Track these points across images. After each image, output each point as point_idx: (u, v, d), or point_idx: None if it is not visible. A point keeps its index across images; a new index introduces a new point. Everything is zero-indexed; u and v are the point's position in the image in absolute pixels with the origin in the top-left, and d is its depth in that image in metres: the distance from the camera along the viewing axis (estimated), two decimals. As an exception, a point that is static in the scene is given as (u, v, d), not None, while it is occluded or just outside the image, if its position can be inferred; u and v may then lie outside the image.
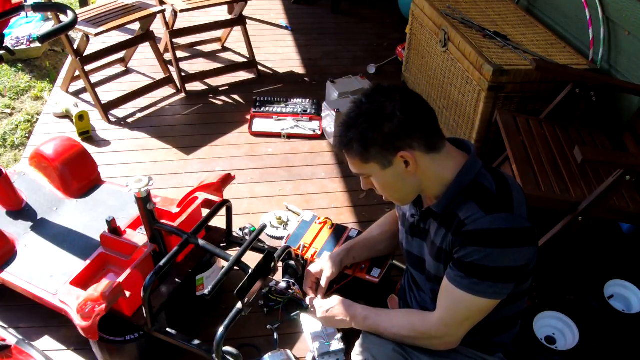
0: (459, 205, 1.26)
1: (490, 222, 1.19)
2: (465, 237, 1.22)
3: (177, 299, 1.76)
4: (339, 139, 1.30)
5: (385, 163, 1.26)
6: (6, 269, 1.85)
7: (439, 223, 1.32)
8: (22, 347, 1.64)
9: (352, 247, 1.73)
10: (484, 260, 1.20)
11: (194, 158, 2.83)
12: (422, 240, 1.41)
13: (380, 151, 1.24)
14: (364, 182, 1.36)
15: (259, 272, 1.58)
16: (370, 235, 1.77)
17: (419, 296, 1.52)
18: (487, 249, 1.19)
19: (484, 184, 1.26)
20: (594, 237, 2.30)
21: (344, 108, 2.86)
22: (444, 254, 1.31)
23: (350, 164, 1.32)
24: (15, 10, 1.72)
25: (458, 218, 1.24)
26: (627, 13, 2.35)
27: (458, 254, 1.24)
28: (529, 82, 2.42)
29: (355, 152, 1.26)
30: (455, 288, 1.25)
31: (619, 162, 1.79)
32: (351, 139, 1.26)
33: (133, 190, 1.59)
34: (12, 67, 3.69)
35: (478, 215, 1.21)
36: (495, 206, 1.21)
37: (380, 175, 1.29)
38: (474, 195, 1.24)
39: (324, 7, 4.63)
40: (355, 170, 1.32)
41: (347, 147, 1.28)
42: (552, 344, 1.82)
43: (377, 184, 1.33)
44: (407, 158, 1.24)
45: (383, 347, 1.42)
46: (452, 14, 2.89)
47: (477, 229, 1.20)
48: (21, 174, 2.21)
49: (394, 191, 1.33)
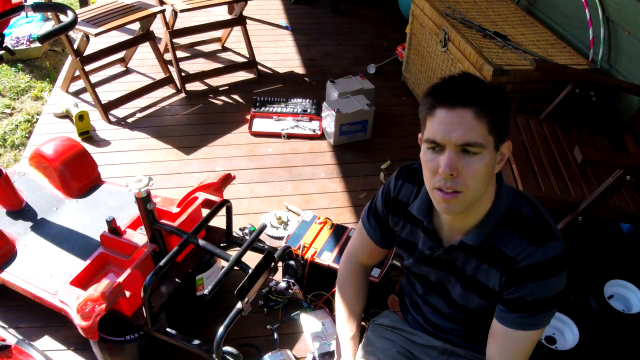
0: (500, 239, 1.17)
1: (543, 254, 1.13)
2: (521, 275, 1.14)
3: (177, 299, 1.76)
4: (472, 87, 1.08)
5: (498, 145, 1.10)
6: (6, 269, 1.85)
7: (476, 258, 1.22)
8: (22, 347, 1.64)
9: (354, 335, 1.47)
10: (545, 293, 1.14)
11: (194, 158, 2.83)
12: (444, 271, 1.31)
13: (504, 127, 1.10)
14: (454, 159, 1.07)
15: (259, 272, 1.58)
16: (353, 308, 1.50)
17: (424, 307, 1.45)
18: (545, 281, 1.13)
19: (522, 211, 1.18)
20: (594, 237, 2.29)
21: (344, 108, 2.86)
22: (486, 290, 1.23)
23: (465, 125, 1.05)
24: (15, 10, 1.72)
25: (505, 255, 1.16)
26: (627, 13, 2.35)
27: (515, 294, 1.16)
28: (529, 82, 2.42)
29: (489, 114, 1.06)
30: (518, 331, 1.18)
31: (619, 162, 1.79)
32: (491, 97, 1.08)
33: (133, 190, 1.59)
34: (12, 67, 3.69)
35: (530, 250, 1.13)
36: (542, 236, 1.14)
37: (488, 158, 1.08)
38: (515, 226, 1.16)
39: (324, 7, 4.63)
40: (469, 137, 1.06)
41: (482, 103, 1.06)
42: (552, 344, 1.82)
43: (474, 168, 1.08)
44: (507, 151, 1.14)
45: (387, 349, 1.41)
46: (452, 14, 2.89)
47: (533, 264, 1.13)
48: (21, 174, 2.21)
49: (479, 185, 1.10)
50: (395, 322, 1.50)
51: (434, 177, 1.11)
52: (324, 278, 1.92)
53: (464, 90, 1.08)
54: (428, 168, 1.12)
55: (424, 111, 1.13)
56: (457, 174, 1.08)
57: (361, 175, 2.76)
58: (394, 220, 1.37)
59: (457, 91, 1.08)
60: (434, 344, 1.42)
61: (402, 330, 1.48)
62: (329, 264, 1.91)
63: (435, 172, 1.10)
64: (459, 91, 1.08)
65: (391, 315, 1.55)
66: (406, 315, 1.53)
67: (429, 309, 1.42)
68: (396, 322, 1.51)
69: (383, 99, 3.30)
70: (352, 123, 2.90)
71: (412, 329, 1.47)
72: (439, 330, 1.42)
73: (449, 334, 1.41)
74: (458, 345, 1.40)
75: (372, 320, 1.56)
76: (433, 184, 1.12)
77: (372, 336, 1.48)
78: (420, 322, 1.46)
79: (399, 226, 1.37)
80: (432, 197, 1.16)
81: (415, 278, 1.41)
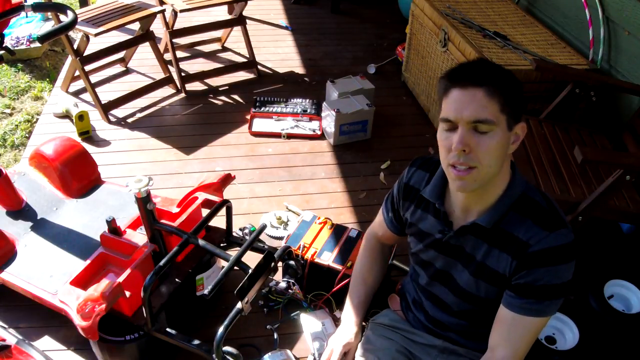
0: (512, 224, 1.19)
1: (555, 240, 1.15)
2: (533, 259, 1.16)
3: (177, 299, 1.76)
4: (484, 68, 1.13)
5: (511, 125, 1.13)
6: (6, 269, 1.85)
7: (488, 242, 1.23)
8: (22, 347, 1.64)
9: (359, 305, 1.53)
10: (554, 279, 1.16)
11: (194, 158, 2.83)
12: (452, 257, 1.32)
13: (517, 109, 1.13)
14: (466, 135, 1.11)
15: (259, 272, 1.58)
16: (364, 278, 1.57)
17: (426, 303, 1.45)
18: (556, 266, 1.15)
19: (535, 198, 1.20)
20: (594, 237, 2.29)
21: (344, 108, 2.86)
22: (496, 276, 1.23)
23: (476, 104, 1.10)
24: (15, 10, 1.72)
25: (517, 239, 1.17)
26: (627, 13, 2.35)
27: (525, 278, 1.17)
28: (529, 82, 2.42)
29: (501, 93, 1.10)
30: (524, 317, 1.19)
31: (619, 162, 1.79)
32: (503, 78, 1.12)
33: (133, 190, 1.59)
34: (12, 67, 3.69)
35: (542, 235, 1.15)
36: (554, 223, 1.16)
37: (500, 135, 1.11)
38: (528, 212, 1.18)
39: (324, 7, 4.63)
40: (480, 114, 1.10)
41: (494, 83, 1.10)
42: (552, 344, 1.82)
43: (486, 144, 1.11)
44: (521, 132, 1.16)
45: (387, 348, 1.41)
46: (452, 14, 2.89)
47: (544, 248, 1.15)
48: (21, 174, 2.21)
49: (492, 162, 1.13)
50: (395, 322, 1.50)
51: (448, 154, 1.15)
52: (324, 278, 1.92)
53: (476, 71, 1.13)
54: (443, 146, 1.17)
55: (440, 92, 1.18)
56: (470, 150, 1.11)
57: (361, 175, 2.76)
58: (405, 205, 1.41)
59: (470, 72, 1.13)
60: (434, 343, 1.42)
61: (402, 330, 1.48)
62: (329, 264, 1.91)
63: (449, 150, 1.14)
64: (472, 72, 1.13)
65: (391, 314, 1.55)
66: (407, 314, 1.52)
67: (431, 303, 1.43)
68: (396, 321, 1.51)
69: (383, 99, 3.30)
70: (352, 123, 2.90)
71: (412, 328, 1.47)
72: (441, 327, 1.42)
73: (450, 332, 1.40)
74: (459, 344, 1.40)
75: (372, 319, 1.56)
76: (448, 161, 1.16)
77: (371, 335, 1.48)
78: (422, 320, 1.46)
79: (409, 211, 1.40)
80: (447, 175, 1.19)
81: (422, 266, 1.42)
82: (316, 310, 1.94)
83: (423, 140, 3.05)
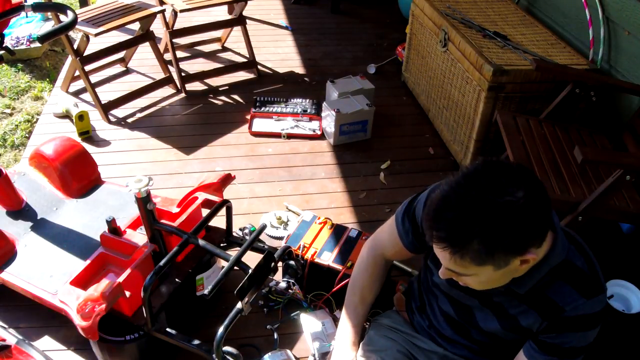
0: (550, 287, 1.13)
1: (591, 307, 1.12)
2: (565, 324, 1.13)
3: (177, 299, 1.76)
4: (446, 229, 0.99)
5: (502, 265, 1.02)
6: (6, 269, 1.85)
7: (518, 299, 1.19)
8: (22, 347, 1.64)
9: (357, 325, 1.48)
10: (582, 342, 1.15)
11: (194, 158, 2.83)
12: (480, 302, 1.27)
13: (504, 255, 1.01)
14: (447, 273, 1.09)
15: (259, 272, 1.58)
16: (364, 296, 1.51)
17: (434, 319, 1.43)
18: (586, 332, 1.14)
19: (577, 263, 1.14)
20: (594, 237, 2.29)
21: (344, 108, 2.86)
22: (523, 330, 1.21)
23: (450, 262, 1.03)
24: (15, 10, 1.71)
25: (553, 303, 1.13)
26: (627, 13, 2.35)
27: (554, 340, 1.15)
28: (529, 82, 2.42)
29: (472, 254, 0.99)
30: None
31: (619, 162, 1.79)
32: (471, 238, 0.98)
33: (133, 190, 1.59)
34: (12, 67, 3.69)
35: (579, 302, 1.11)
36: (593, 289, 1.12)
37: (488, 276, 1.05)
38: (568, 277, 1.13)
39: (324, 7, 4.63)
40: (455, 269, 1.05)
41: (459, 245, 0.99)
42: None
43: (475, 281, 1.09)
44: (530, 259, 1.03)
45: (389, 349, 1.41)
46: (452, 14, 2.89)
47: (579, 315, 1.12)
48: (21, 174, 2.21)
49: (492, 285, 1.11)
50: (398, 324, 1.50)
51: None
52: (324, 278, 1.92)
53: (447, 231, 1.00)
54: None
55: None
56: (458, 278, 1.11)
57: (361, 175, 2.76)
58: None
59: (440, 231, 1.01)
60: (436, 350, 1.41)
61: (404, 332, 1.48)
62: (329, 264, 1.91)
63: None
64: (442, 231, 1.01)
65: (394, 315, 1.55)
66: (411, 317, 1.52)
67: (446, 325, 1.39)
68: (399, 323, 1.50)
69: (383, 99, 3.30)
70: (352, 123, 2.90)
71: (415, 333, 1.47)
72: (446, 341, 1.40)
73: (456, 347, 1.39)
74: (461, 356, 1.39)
75: (375, 319, 1.56)
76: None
77: (373, 335, 1.48)
78: (425, 327, 1.46)
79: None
80: None
81: (442, 292, 1.37)
82: (316, 310, 1.94)
83: (423, 140, 3.05)
